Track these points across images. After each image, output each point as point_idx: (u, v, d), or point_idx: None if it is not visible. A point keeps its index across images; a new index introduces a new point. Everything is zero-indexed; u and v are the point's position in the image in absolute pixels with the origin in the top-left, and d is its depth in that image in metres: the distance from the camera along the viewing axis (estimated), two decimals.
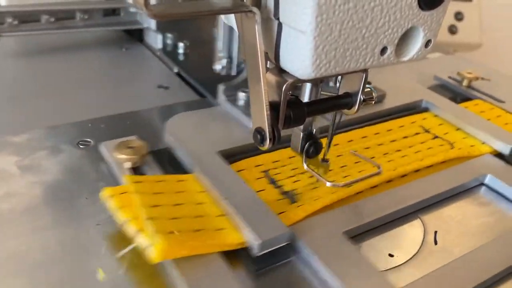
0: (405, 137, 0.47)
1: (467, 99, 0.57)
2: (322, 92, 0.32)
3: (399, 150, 0.44)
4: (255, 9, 0.26)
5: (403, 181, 0.40)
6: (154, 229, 0.29)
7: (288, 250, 0.32)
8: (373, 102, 0.32)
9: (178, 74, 0.57)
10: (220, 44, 0.48)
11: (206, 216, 0.32)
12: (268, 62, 0.29)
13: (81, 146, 0.41)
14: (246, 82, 0.45)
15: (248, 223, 0.31)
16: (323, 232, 0.33)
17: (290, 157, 0.41)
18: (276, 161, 0.41)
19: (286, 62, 0.27)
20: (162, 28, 0.64)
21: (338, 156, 0.42)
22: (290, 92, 0.28)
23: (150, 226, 0.29)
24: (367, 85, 0.31)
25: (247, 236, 0.31)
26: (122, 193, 0.32)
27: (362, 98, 0.31)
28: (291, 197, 0.37)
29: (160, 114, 0.47)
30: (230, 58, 0.49)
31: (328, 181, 0.33)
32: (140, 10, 0.21)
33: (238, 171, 0.38)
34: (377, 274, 0.31)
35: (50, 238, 0.31)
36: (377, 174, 0.35)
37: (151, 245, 0.28)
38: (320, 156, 0.35)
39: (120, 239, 0.31)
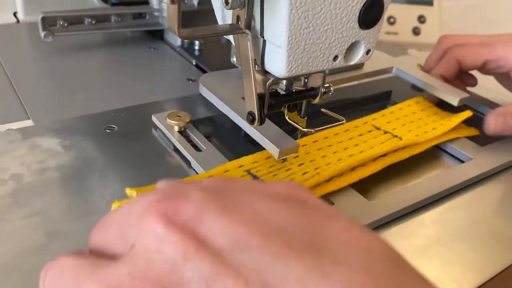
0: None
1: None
2: (295, 86, 0.44)
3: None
4: (247, 31, 0.37)
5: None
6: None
7: None
8: (330, 94, 0.44)
9: (197, 66, 0.67)
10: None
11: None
12: (256, 65, 0.41)
13: (107, 131, 0.48)
14: None
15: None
16: None
17: (267, 158, 0.43)
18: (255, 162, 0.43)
19: (269, 66, 0.39)
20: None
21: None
22: (272, 86, 0.41)
23: None
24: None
25: None
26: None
27: (322, 91, 0.43)
28: None
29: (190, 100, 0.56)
30: None
31: (304, 129, 0.41)
32: (173, 33, 0.32)
33: None
34: None
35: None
36: (340, 123, 0.42)
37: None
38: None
39: None
